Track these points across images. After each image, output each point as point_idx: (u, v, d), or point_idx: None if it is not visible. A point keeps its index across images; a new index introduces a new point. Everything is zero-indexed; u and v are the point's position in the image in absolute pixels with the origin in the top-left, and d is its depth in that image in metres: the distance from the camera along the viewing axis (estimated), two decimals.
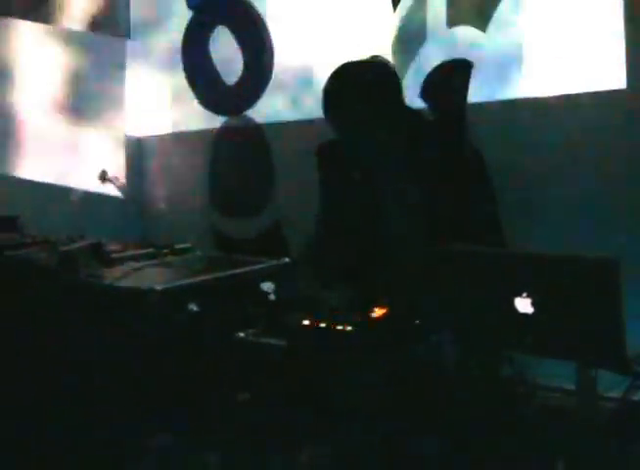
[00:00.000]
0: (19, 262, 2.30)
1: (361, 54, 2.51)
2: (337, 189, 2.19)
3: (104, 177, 3.97)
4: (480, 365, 1.57)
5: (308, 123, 3.43)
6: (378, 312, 1.72)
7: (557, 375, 1.57)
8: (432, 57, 3.03)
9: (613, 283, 1.35)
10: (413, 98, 3.08)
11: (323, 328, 1.66)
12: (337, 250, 2.11)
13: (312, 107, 3.41)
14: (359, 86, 2.05)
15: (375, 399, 1.54)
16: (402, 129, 2.07)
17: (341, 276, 2.15)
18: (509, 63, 2.83)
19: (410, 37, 3.12)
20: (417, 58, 3.07)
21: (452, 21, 2.99)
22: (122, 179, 4.03)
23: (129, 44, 4.21)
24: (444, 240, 1.69)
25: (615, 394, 1.44)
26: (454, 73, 2.47)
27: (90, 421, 1.88)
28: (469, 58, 2.82)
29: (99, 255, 2.33)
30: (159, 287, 1.95)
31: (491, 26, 2.82)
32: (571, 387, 1.47)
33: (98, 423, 1.88)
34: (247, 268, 2.24)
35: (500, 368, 1.55)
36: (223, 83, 3.83)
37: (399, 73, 2.29)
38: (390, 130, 2.05)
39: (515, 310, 1.46)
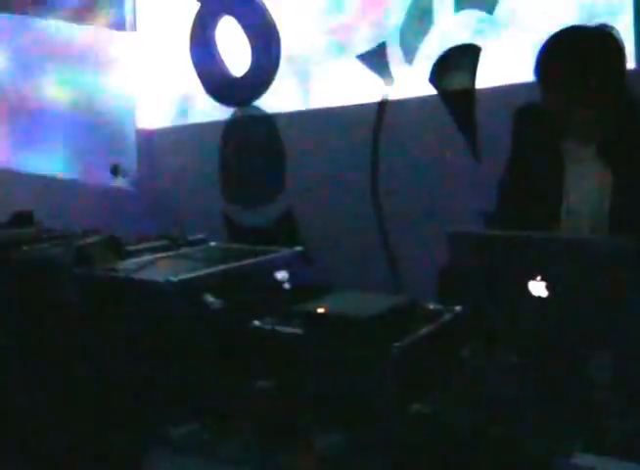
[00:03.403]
0: (35, 257, 2.33)
1: None
2: (527, 155, 2.08)
3: (116, 171, 3.99)
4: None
5: (318, 112, 3.44)
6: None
7: None
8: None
9: (622, 265, 1.36)
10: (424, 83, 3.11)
11: (338, 315, 1.67)
12: (513, 214, 2.04)
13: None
14: (578, 53, 1.92)
15: (389, 388, 1.55)
16: (615, 108, 1.94)
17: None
18: None
19: (417, 22, 3.11)
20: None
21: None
22: (134, 172, 4.05)
23: (136, 37, 4.22)
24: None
25: None
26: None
27: (112, 412, 1.91)
28: None
29: (114, 248, 2.35)
30: (174, 278, 1.97)
31: None
32: None
33: (120, 414, 1.90)
34: (260, 258, 2.26)
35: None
36: (231, 74, 3.84)
37: None
38: (601, 106, 1.93)
39: (530, 294, 1.46)
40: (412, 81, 3.15)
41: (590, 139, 1.98)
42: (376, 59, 3.24)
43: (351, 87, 3.33)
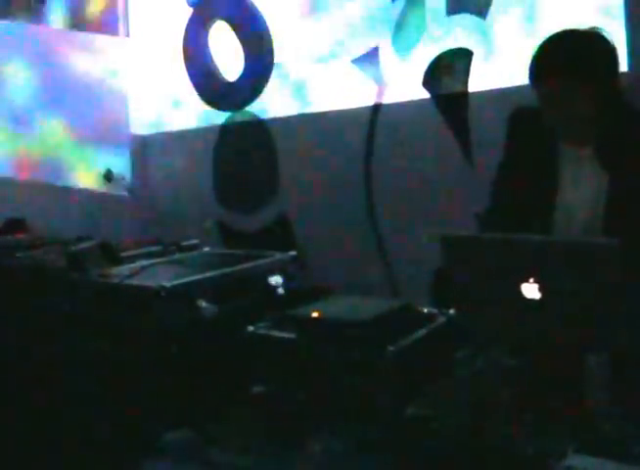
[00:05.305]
0: (29, 263, 2.32)
1: None
2: (522, 158, 2.06)
3: (109, 177, 3.98)
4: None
5: (311, 117, 3.45)
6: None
7: None
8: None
9: (614, 267, 1.36)
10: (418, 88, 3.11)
11: (332, 320, 1.67)
12: (507, 217, 2.06)
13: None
14: (571, 56, 1.93)
15: (384, 392, 1.54)
16: (609, 110, 1.94)
17: None
18: None
19: (410, 27, 3.12)
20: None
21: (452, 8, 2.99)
22: (128, 178, 4.05)
23: (130, 43, 4.22)
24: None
25: None
26: None
27: (104, 418, 1.90)
28: None
29: (107, 254, 2.35)
30: (168, 284, 1.96)
31: None
32: None
33: (112, 420, 1.89)
34: (254, 263, 2.25)
35: None
36: (224, 79, 3.84)
37: None
38: (596, 108, 1.93)
39: (522, 297, 1.46)
40: (406, 85, 3.15)
41: (585, 142, 1.99)
42: (370, 63, 3.25)
43: (345, 91, 3.34)
